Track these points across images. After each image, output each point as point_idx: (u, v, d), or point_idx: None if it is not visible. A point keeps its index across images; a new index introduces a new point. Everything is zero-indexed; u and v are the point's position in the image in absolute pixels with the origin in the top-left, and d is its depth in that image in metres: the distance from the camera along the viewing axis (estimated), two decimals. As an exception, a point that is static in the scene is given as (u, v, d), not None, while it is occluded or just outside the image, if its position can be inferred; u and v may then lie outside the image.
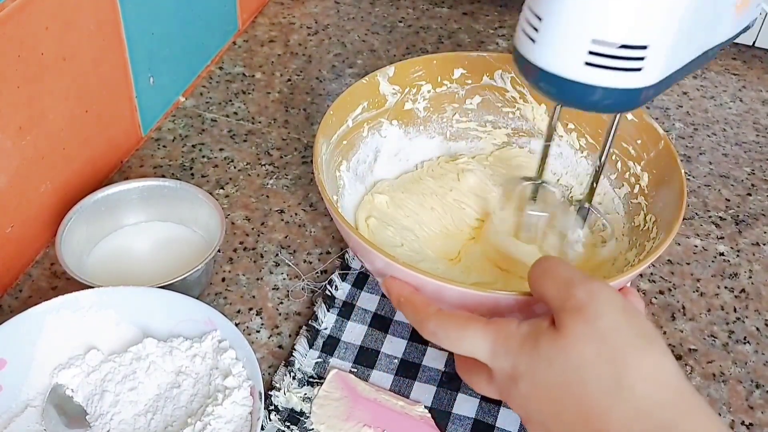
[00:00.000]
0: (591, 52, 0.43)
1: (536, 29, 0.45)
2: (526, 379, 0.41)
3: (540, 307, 0.46)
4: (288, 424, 0.52)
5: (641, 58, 0.43)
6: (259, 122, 0.76)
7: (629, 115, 0.62)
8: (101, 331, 0.53)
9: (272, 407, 0.53)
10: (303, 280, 0.62)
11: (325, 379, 0.54)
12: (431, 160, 0.68)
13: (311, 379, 0.55)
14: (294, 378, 0.54)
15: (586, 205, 0.57)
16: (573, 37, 0.43)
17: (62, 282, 0.61)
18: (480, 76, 0.66)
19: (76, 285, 0.54)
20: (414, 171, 0.67)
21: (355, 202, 0.63)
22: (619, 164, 0.63)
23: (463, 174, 0.65)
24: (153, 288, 0.54)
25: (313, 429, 0.52)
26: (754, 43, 0.89)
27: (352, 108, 0.62)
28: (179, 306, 0.53)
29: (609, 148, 0.53)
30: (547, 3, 0.44)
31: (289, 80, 0.82)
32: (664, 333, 0.60)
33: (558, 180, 0.67)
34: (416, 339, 0.58)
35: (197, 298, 0.54)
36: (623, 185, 0.63)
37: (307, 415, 0.52)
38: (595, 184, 0.55)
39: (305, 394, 0.53)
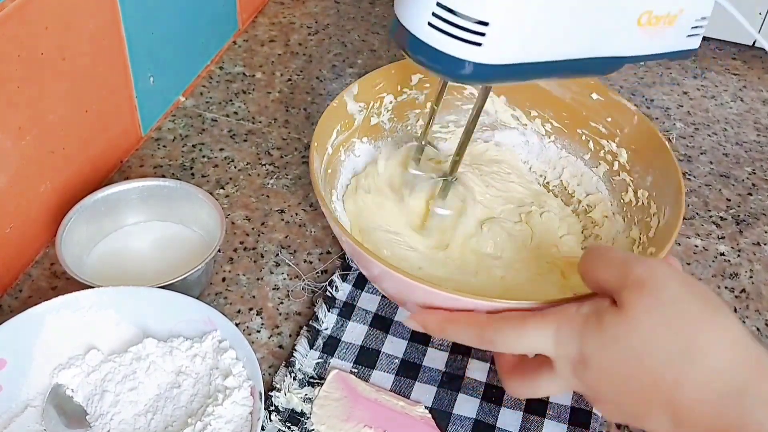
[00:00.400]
0: (434, 14, 0.44)
1: None
2: (594, 359, 0.41)
3: None
4: (288, 424, 0.52)
5: (482, 34, 0.44)
6: (260, 122, 0.76)
7: (594, 95, 0.63)
8: (101, 331, 0.53)
9: (273, 407, 0.53)
10: (303, 280, 0.62)
11: (325, 379, 0.54)
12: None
13: (312, 380, 0.55)
14: (294, 378, 0.54)
15: (449, 178, 0.58)
16: None
17: (62, 282, 0.61)
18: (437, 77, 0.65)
19: (76, 285, 0.54)
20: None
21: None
22: (591, 143, 0.64)
23: None
24: (153, 288, 0.54)
25: (313, 429, 0.52)
26: (754, 43, 0.89)
27: (328, 134, 0.61)
28: (179, 306, 0.53)
29: (475, 118, 0.54)
30: None
31: (289, 80, 0.82)
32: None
33: (530, 168, 0.68)
34: (417, 339, 0.57)
35: (197, 298, 0.54)
36: (600, 164, 0.64)
37: (308, 415, 0.52)
38: (458, 157, 0.56)
39: (305, 394, 0.53)
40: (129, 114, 0.71)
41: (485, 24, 0.44)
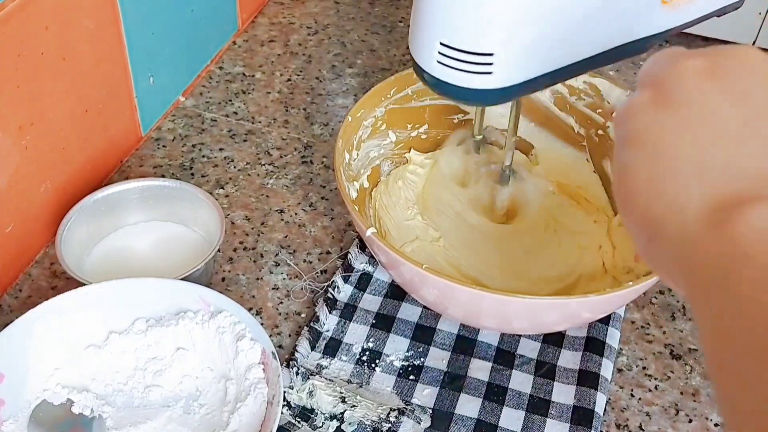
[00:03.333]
0: (440, 53, 0.47)
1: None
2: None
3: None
4: (299, 419, 0.52)
5: (489, 63, 0.46)
6: (259, 122, 0.76)
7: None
8: (91, 330, 0.53)
9: (285, 402, 0.53)
10: (303, 280, 0.62)
11: (325, 379, 0.54)
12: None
13: (313, 375, 0.54)
14: (297, 374, 0.54)
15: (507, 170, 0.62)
16: (427, 37, 0.47)
17: (62, 282, 0.61)
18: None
19: (76, 285, 0.54)
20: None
21: None
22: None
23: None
24: (133, 279, 0.53)
25: (321, 426, 0.52)
26: (754, 42, 0.89)
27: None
28: (164, 290, 0.53)
29: (515, 127, 0.58)
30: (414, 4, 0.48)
31: (289, 80, 0.82)
32: (664, 333, 0.60)
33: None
34: (419, 339, 0.57)
35: (198, 298, 0.54)
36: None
37: (317, 412, 0.53)
38: (512, 153, 0.61)
39: (308, 389, 0.53)
40: (129, 114, 0.71)
41: (490, 54, 0.45)
